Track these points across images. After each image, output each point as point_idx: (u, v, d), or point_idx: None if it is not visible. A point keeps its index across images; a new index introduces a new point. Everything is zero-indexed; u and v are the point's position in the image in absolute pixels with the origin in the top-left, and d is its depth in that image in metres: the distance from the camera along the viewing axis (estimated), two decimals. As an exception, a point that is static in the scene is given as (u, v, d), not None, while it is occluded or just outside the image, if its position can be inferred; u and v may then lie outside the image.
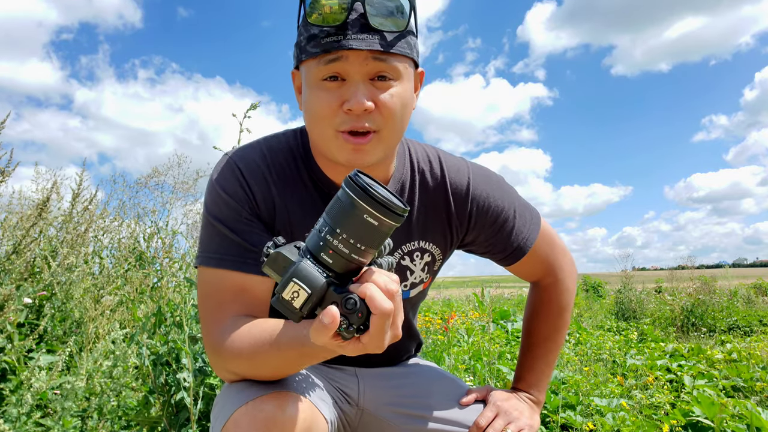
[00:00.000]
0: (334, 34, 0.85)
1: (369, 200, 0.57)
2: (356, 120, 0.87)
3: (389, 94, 0.89)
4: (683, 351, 3.97)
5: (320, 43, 0.86)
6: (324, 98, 0.88)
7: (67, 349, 1.91)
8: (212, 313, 0.92)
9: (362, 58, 0.86)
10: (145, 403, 1.85)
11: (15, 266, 2.04)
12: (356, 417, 1.13)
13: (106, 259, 3.34)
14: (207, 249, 0.95)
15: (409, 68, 0.93)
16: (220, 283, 0.93)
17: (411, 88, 0.95)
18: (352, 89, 0.86)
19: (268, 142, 1.03)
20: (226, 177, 0.96)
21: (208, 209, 0.96)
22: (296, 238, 0.98)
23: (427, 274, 1.15)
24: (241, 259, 0.92)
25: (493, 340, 4.08)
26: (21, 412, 1.54)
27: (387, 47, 0.86)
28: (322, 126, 0.89)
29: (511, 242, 1.13)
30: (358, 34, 0.85)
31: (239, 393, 0.85)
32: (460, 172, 1.11)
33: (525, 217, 1.15)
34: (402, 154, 1.09)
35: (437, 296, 10.65)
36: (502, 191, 1.13)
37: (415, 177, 1.08)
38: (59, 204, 3.05)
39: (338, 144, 0.90)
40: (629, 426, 2.11)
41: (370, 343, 0.61)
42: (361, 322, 0.61)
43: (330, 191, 1.01)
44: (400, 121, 0.92)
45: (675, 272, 8.89)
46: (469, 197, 1.09)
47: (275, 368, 0.85)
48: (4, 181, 1.92)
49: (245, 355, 0.84)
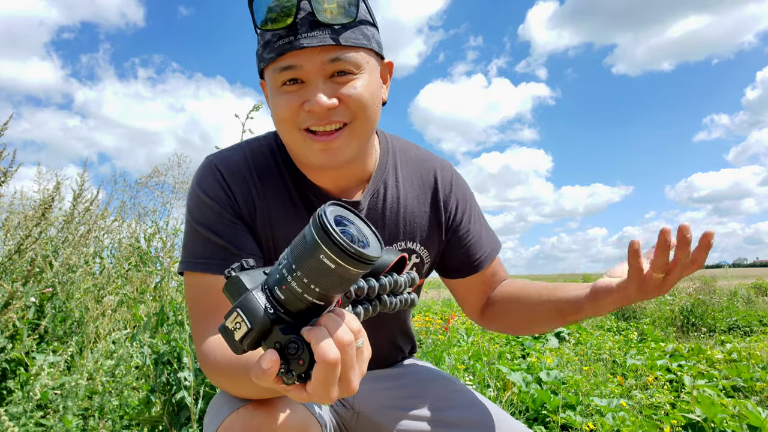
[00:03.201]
0: (286, 36, 0.84)
1: (327, 242, 0.50)
2: (320, 117, 0.86)
3: (352, 86, 0.87)
4: (683, 351, 3.97)
5: (274, 47, 0.86)
6: (284, 100, 0.87)
7: (69, 349, 1.91)
8: (200, 321, 0.90)
9: (316, 54, 0.84)
10: (147, 402, 1.85)
11: (17, 266, 2.05)
12: (352, 419, 1.12)
13: (106, 259, 3.35)
14: (191, 254, 0.93)
15: (370, 59, 0.91)
16: (206, 289, 0.91)
17: (377, 80, 0.94)
18: (312, 89, 0.85)
19: (249, 144, 1.02)
20: (208, 180, 0.95)
21: (191, 214, 0.95)
22: (276, 239, 0.97)
23: (417, 273, 1.13)
24: (226, 263, 0.90)
25: (493, 340, 4.08)
26: (26, 408, 1.55)
27: (339, 41, 0.85)
28: (288, 128, 0.89)
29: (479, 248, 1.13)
30: (308, 32, 0.84)
31: (232, 399, 0.84)
32: (444, 170, 1.12)
33: (490, 230, 1.19)
34: (384, 152, 1.07)
35: (437, 296, 10.65)
36: (473, 198, 1.17)
37: (399, 174, 1.07)
38: (60, 204, 3.06)
39: (308, 146, 0.89)
40: (629, 426, 2.12)
41: (314, 393, 0.54)
42: (303, 370, 0.54)
43: (310, 193, 1.00)
44: (370, 112, 0.90)
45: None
46: (451, 195, 1.11)
47: (250, 392, 0.80)
48: (5, 181, 1.92)
49: (225, 374, 0.81)
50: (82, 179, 2.82)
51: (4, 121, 1.88)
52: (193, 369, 1.72)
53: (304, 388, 0.55)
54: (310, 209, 0.99)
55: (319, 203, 0.99)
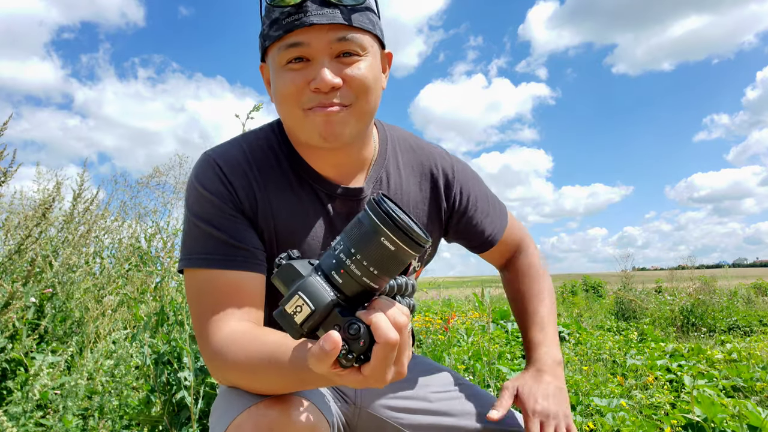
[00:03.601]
0: (295, 13, 0.85)
1: (390, 225, 0.55)
2: (324, 98, 0.86)
3: (357, 67, 0.88)
4: (683, 351, 3.97)
5: (282, 24, 0.86)
6: (289, 78, 0.87)
7: (69, 349, 1.92)
8: (207, 318, 0.88)
9: (324, 32, 0.85)
10: (147, 402, 1.85)
11: (17, 266, 2.05)
12: (354, 415, 1.12)
13: (106, 259, 3.35)
14: (192, 251, 0.92)
15: (374, 45, 0.92)
16: (211, 285, 0.89)
17: (379, 65, 0.94)
18: (318, 67, 0.85)
19: (246, 138, 1.02)
20: (207, 175, 0.94)
21: (190, 209, 0.94)
22: (278, 231, 0.97)
23: (418, 262, 1.14)
24: (229, 258, 0.89)
25: (493, 340, 4.08)
26: (26, 408, 1.55)
27: (350, 21, 0.86)
28: (290, 107, 0.89)
29: (487, 228, 1.17)
30: (318, 9, 0.84)
31: (240, 397, 0.83)
32: (443, 159, 1.13)
33: (496, 206, 1.21)
34: (383, 140, 1.08)
35: (437, 296, 10.65)
36: (477, 180, 1.18)
37: (400, 163, 1.08)
38: (60, 204, 3.06)
39: (309, 122, 0.88)
40: (629, 426, 2.12)
41: (371, 375, 0.57)
42: (363, 351, 0.56)
43: (311, 180, 0.99)
44: (372, 96, 0.91)
45: (675, 272, 8.90)
46: (454, 182, 1.11)
47: (274, 386, 0.80)
48: (5, 181, 1.92)
49: (243, 369, 0.81)
50: (82, 179, 2.82)
51: (4, 121, 1.88)
52: (193, 369, 1.72)
53: (359, 372, 0.57)
54: (312, 197, 0.99)
55: (321, 190, 0.99)
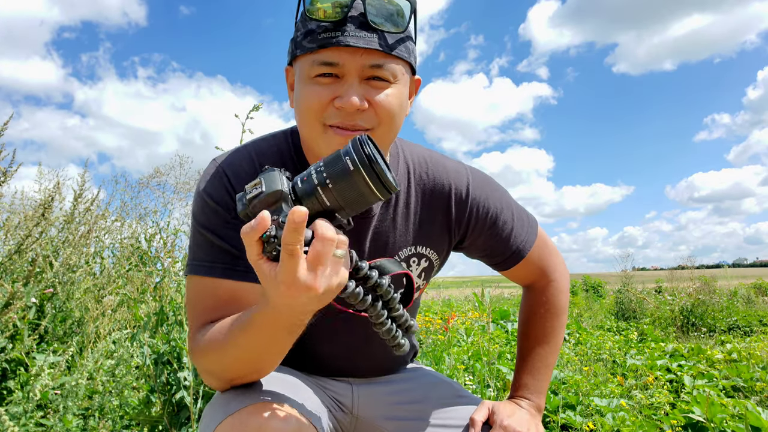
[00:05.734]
0: (332, 29, 0.83)
1: (367, 167, 0.62)
2: (346, 117, 0.85)
3: (384, 94, 0.87)
4: (683, 351, 3.97)
5: (317, 38, 0.84)
6: (315, 92, 0.86)
7: (69, 349, 1.92)
8: (197, 318, 0.90)
9: (359, 55, 0.84)
10: (147, 402, 1.85)
11: (17, 266, 2.05)
12: (350, 425, 1.11)
13: (106, 259, 3.35)
14: (196, 257, 0.93)
15: (405, 74, 0.91)
16: (210, 292, 0.90)
17: (406, 93, 0.93)
18: (346, 87, 0.84)
19: (257, 145, 1.01)
20: (214, 185, 0.94)
21: (196, 218, 0.94)
22: None
23: (424, 280, 1.12)
24: (230, 267, 0.90)
25: (493, 340, 4.08)
26: (27, 408, 1.55)
27: (387, 48, 0.85)
28: (311, 119, 0.87)
29: (510, 246, 1.11)
30: (356, 31, 0.83)
31: (225, 404, 0.83)
32: (459, 174, 1.08)
33: (523, 220, 1.14)
34: (395, 156, 1.06)
35: (437, 296, 10.64)
36: (500, 195, 1.12)
37: (411, 180, 1.06)
38: (61, 204, 3.06)
39: (326, 139, 0.87)
40: (629, 426, 2.12)
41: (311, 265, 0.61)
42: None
43: None
44: (395, 123, 0.90)
45: (675, 272, 8.89)
46: (468, 200, 1.07)
47: (245, 352, 0.80)
48: (5, 181, 1.93)
49: (215, 347, 0.81)
50: (82, 179, 2.82)
51: (4, 121, 1.88)
52: (192, 369, 1.72)
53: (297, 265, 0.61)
54: None
55: None
